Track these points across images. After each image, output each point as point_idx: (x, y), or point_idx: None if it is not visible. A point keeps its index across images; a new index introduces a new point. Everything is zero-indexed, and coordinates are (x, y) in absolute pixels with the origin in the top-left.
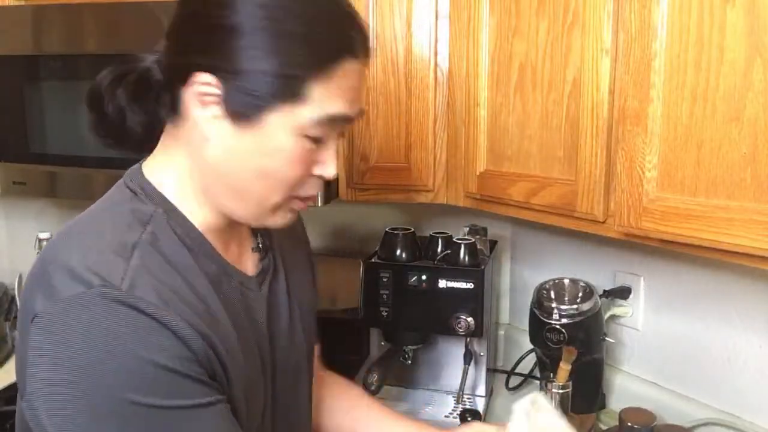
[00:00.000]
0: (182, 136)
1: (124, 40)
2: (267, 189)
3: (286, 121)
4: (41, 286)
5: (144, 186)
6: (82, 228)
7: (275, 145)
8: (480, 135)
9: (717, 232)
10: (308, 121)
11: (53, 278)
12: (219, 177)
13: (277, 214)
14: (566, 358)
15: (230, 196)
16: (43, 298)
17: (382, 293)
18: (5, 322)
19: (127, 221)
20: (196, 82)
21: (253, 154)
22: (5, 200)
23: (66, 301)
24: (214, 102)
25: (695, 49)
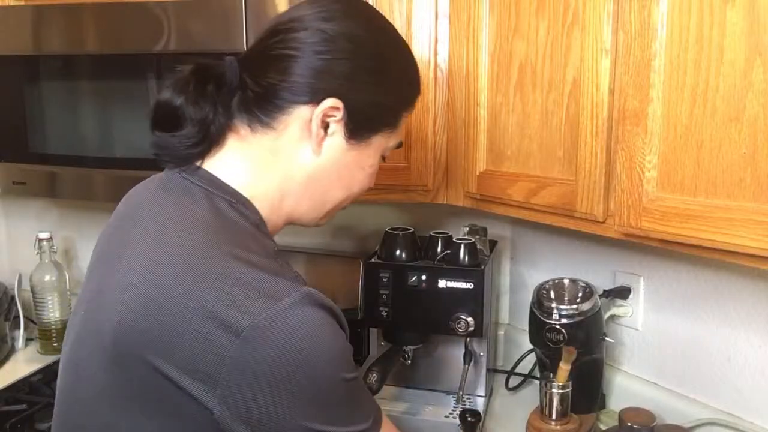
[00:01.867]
0: (270, 145)
1: (124, 40)
2: (345, 196)
3: (382, 144)
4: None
5: (233, 194)
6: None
7: (370, 162)
8: (480, 135)
9: (717, 232)
10: (392, 145)
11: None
12: (312, 185)
13: (331, 214)
14: (566, 358)
15: (312, 201)
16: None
17: (382, 293)
18: (5, 322)
19: (247, 228)
20: (323, 105)
21: (352, 167)
22: (5, 200)
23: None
24: (334, 122)
25: (695, 49)
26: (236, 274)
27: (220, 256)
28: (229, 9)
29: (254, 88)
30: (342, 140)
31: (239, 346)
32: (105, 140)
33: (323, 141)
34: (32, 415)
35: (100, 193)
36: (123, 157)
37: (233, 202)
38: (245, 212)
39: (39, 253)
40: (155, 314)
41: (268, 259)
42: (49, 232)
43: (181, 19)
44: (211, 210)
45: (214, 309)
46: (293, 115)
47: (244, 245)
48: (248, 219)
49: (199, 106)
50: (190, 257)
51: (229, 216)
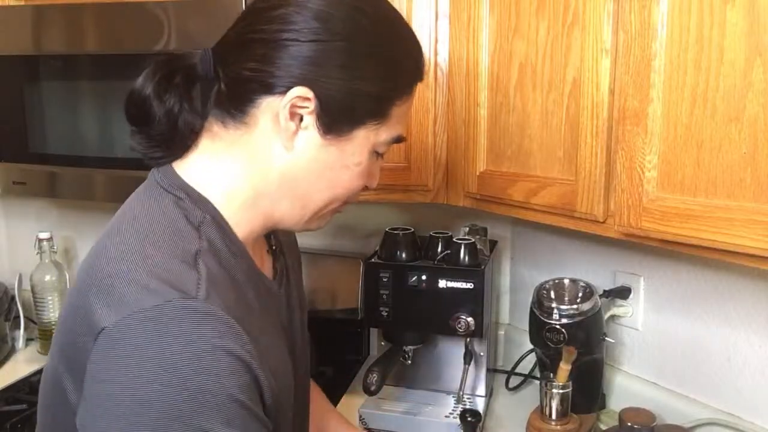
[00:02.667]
0: (242, 141)
1: (124, 40)
2: (330, 197)
3: (369, 138)
4: (103, 298)
5: (187, 190)
6: (133, 234)
7: (355, 159)
8: (480, 135)
9: (717, 232)
10: (383, 140)
11: (118, 290)
12: (287, 185)
13: (320, 219)
14: (566, 358)
15: (291, 203)
16: (109, 312)
17: (382, 293)
18: (5, 322)
19: (180, 227)
20: (290, 95)
21: (333, 165)
22: (5, 200)
23: (139, 314)
24: (306, 114)
25: (695, 49)
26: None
27: (116, 256)
28: (229, 9)
29: (224, 79)
30: (317, 135)
31: (93, 351)
32: (105, 140)
33: (295, 135)
34: (32, 415)
35: (100, 193)
36: (123, 157)
37: (180, 198)
38: (190, 210)
39: (39, 253)
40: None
41: (177, 262)
42: (49, 232)
43: (181, 19)
44: (146, 207)
45: (89, 310)
46: (262, 108)
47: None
48: (189, 218)
49: (162, 99)
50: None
51: (165, 214)
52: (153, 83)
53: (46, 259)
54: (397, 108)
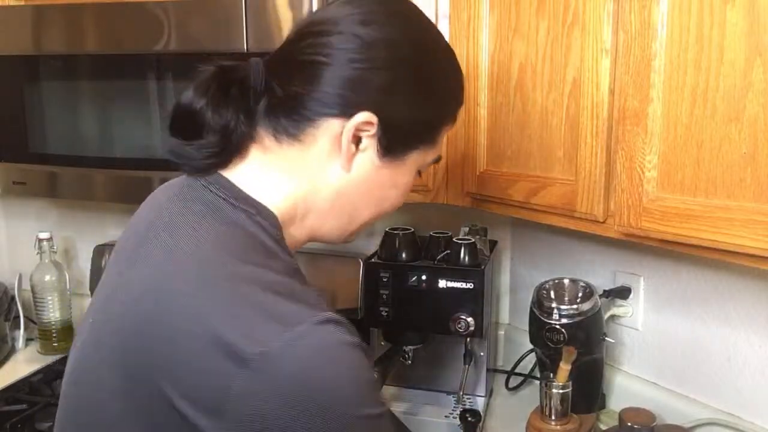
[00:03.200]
0: (297, 157)
1: (124, 40)
2: (377, 214)
3: (418, 161)
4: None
5: (254, 205)
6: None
7: (405, 180)
8: (480, 135)
9: (717, 232)
10: (428, 161)
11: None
12: (339, 202)
13: (357, 232)
14: (566, 358)
15: (340, 219)
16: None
17: (382, 293)
18: (5, 322)
19: (267, 244)
20: (356, 120)
21: (384, 185)
22: (5, 200)
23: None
24: (367, 138)
25: (695, 49)
26: (247, 295)
27: (230, 275)
28: (230, 9)
29: (280, 94)
30: (374, 157)
31: (247, 376)
32: (105, 140)
33: (354, 157)
34: (32, 415)
35: (100, 193)
36: (123, 157)
37: (253, 213)
38: (265, 225)
39: (39, 253)
40: (160, 336)
41: (288, 278)
42: (49, 232)
43: (181, 19)
44: (228, 222)
45: (219, 334)
46: (322, 128)
47: (262, 263)
48: (268, 232)
49: (220, 113)
50: (198, 275)
51: (247, 229)
52: (207, 96)
53: (46, 259)
54: (444, 132)
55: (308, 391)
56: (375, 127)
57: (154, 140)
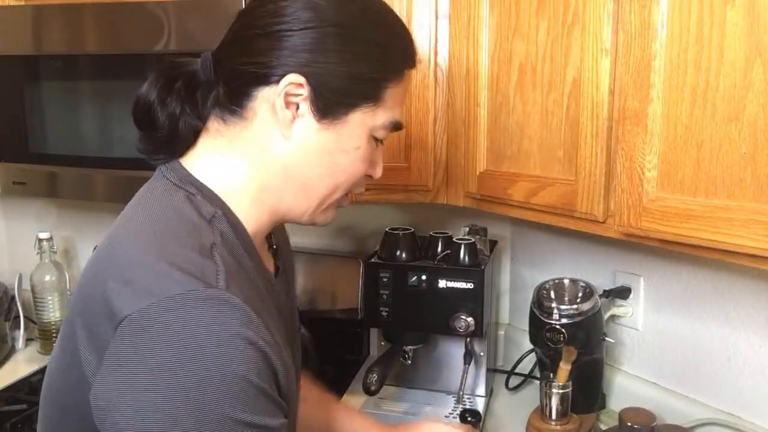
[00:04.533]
0: (242, 135)
1: (124, 40)
2: (334, 185)
3: (365, 122)
4: (123, 287)
5: (198, 186)
6: (149, 226)
7: (353, 143)
8: (480, 135)
9: (717, 232)
10: (380, 123)
11: (139, 279)
12: (289, 174)
13: (328, 211)
14: (566, 358)
15: (295, 193)
16: (132, 299)
17: (382, 293)
18: (5, 322)
19: (194, 222)
20: (283, 83)
21: (331, 150)
22: (5, 200)
23: (164, 302)
24: (302, 101)
25: (695, 49)
26: (144, 267)
27: (140, 249)
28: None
29: (223, 78)
30: (313, 121)
31: (116, 339)
32: (105, 140)
33: (292, 123)
34: (32, 415)
35: (100, 193)
36: (123, 157)
37: (192, 194)
38: (201, 205)
39: (39, 253)
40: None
41: (195, 253)
42: (49, 232)
43: (181, 19)
44: (162, 203)
45: (108, 298)
46: (258, 100)
47: (175, 239)
48: (201, 212)
49: (165, 104)
50: (117, 251)
51: (178, 209)
52: (156, 89)
53: (46, 259)
54: (391, 91)
55: (161, 365)
56: (305, 88)
57: None
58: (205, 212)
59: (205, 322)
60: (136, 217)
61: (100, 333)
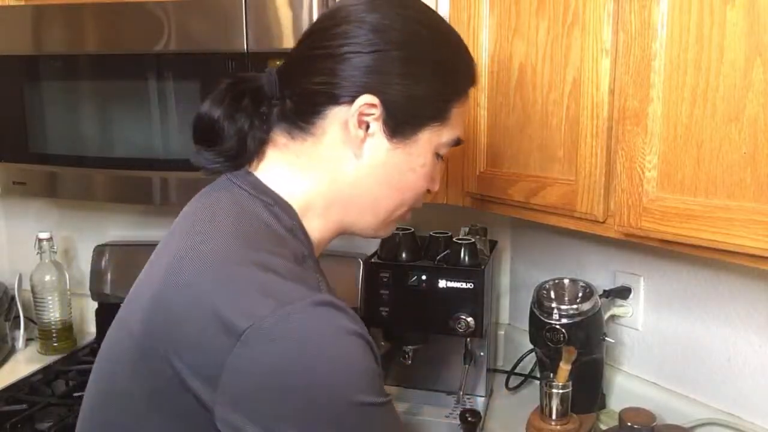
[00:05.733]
0: (311, 151)
1: (124, 40)
2: (399, 201)
3: (432, 140)
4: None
5: (274, 197)
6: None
7: (420, 161)
8: (480, 135)
9: (717, 232)
10: (445, 141)
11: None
12: (358, 192)
13: (389, 226)
14: (566, 358)
15: (362, 209)
16: (253, 309)
17: (382, 293)
18: (5, 322)
19: (279, 232)
20: (357, 103)
21: (400, 169)
22: (5, 200)
23: (283, 313)
24: (373, 121)
25: (695, 49)
26: (247, 276)
27: (237, 258)
28: (229, 9)
29: (291, 96)
30: (384, 140)
31: (239, 350)
32: (105, 140)
33: (363, 143)
34: (32, 415)
35: (100, 193)
36: (123, 157)
37: (270, 204)
38: (280, 215)
39: (39, 253)
40: (170, 314)
41: (292, 263)
42: (49, 232)
43: (181, 19)
44: (243, 211)
45: (218, 310)
46: (329, 118)
47: (268, 248)
48: (282, 222)
49: (234, 119)
50: (208, 259)
51: (261, 218)
52: (223, 107)
53: (46, 259)
54: (456, 110)
55: (297, 369)
56: (378, 109)
57: (154, 140)
58: (285, 223)
59: (323, 325)
60: (218, 227)
61: (212, 351)
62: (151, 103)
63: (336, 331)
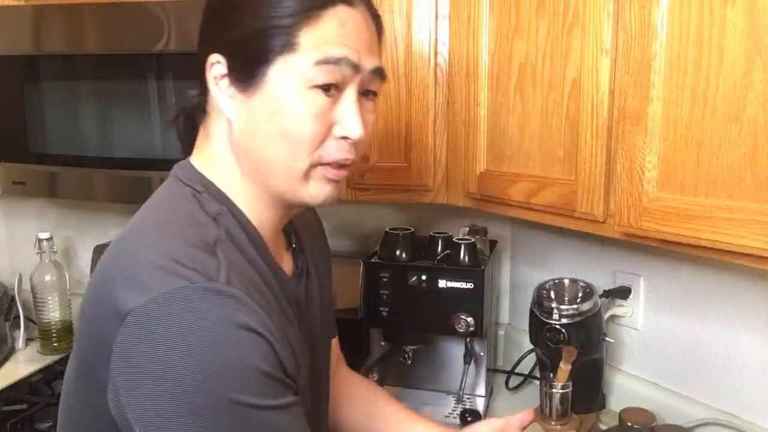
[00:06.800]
0: (214, 128)
1: (124, 40)
2: (289, 152)
3: (287, 72)
4: (128, 282)
5: (205, 184)
6: (155, 224)
7: (284, 101)
8: (480, 135)
9: (717, 232)
10: (306, 67)
11: (143, 274)
12: (251, 155)
13: (310, 185)
14: (566, 358)
15: (272, 171)
16: (136, 294)
17: (382, 293)
18: (5, 322)
19: (199, 219)
20: (209, 66)
21: (266, 117)
22: (5, 200)
23: (166, 295)
24: (224, 78)
25: (695, 49)
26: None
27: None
28: None
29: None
30: (238, 93)
31: (122, 332)
32: (105, 140)
33: (228, 104)
34: (32, 415)
35: (100, 193)
36: (123, 157)
37: (198, 191)
38: (206, 202)
39: (39, 253)
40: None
41: (198, 250)
42: (49, 232)
43: (181, 19)
44: (169, 201)
45: (111, 293)
46: (208, 90)
47: (176, 235)
48: (206, 209)
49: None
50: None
51: (184, 206)
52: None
53: (46, 259)
54: (310, 33)
55: (172, 355)
56: (222, 64)
57: (154, 140)
58: (211, 210)
59: (206, 312)
60: (142, 216)
61: (107, 332)
62: (151, 103)
63: (219, 320)
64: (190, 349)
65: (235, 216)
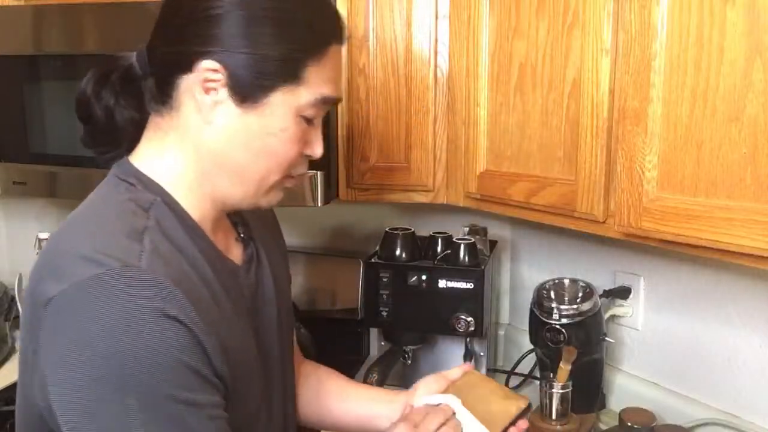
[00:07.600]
0: (175, 125)
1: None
2: (267, 169)
3: (287, 101)
4: (51, 273)
5: (139, 177)
6: (84, 218)
7: (278, 125)
8: (480, 135)
9: (717, 232)
10: (306, 102)
11: (64, 264)
12: (220, 161)
13: (270, 194)
14: (566, 358)
15: (230, 179)
16: (56, 283)
17: (382, 293)
18: (5, 322)
19: (130, 209)
20: (199, 69)
21: (256, 134)
22: (5, 200)
23: (82, 282)
24: (219, 86)
25: (695, 49)
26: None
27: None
28: None
29: (152, 70)
30: (233, 105)
31: (45, 321)
32: None
33: (213, 110)
34: None
35: None
36: None
37: (132, 185)
38: (139, 195)
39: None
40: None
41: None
42: (49, 232)
43: None
44: (103, 196)
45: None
46: (182, 89)
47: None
48: (138, 201)
49: (100, 96)
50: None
51: (117, 199)
52: (91, 83)
53: None
54: (314, 69)
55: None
56: (221, 73)
57: None
58: (143, 201)
59: (119, 299)
60: (75, 212)
61: (36, 324)
62: None
63: (133, 306)
64: (103, 336)
65: (169, 206)
